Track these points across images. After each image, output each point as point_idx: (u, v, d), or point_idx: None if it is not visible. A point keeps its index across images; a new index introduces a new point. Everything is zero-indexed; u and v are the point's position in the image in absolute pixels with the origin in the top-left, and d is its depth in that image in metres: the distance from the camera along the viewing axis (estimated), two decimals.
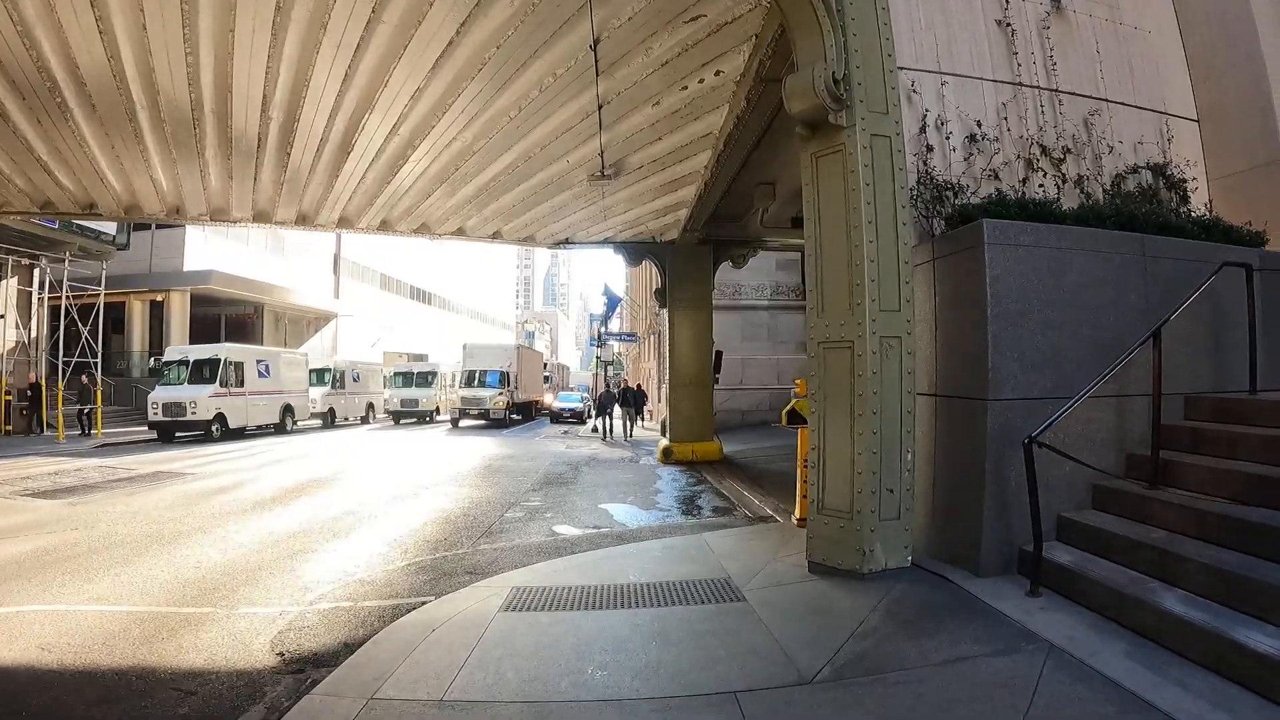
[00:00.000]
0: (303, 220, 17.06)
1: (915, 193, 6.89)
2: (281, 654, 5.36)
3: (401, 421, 38.50)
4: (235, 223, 17.26)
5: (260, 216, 16.76)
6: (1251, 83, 9.26)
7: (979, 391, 5.96)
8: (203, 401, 24.44)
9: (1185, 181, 8.41)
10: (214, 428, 24.70)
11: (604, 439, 25.89)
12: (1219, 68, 9.57)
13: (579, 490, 13.65)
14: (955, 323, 6.39)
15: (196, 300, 35.80)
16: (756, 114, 10.16)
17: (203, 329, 36.23)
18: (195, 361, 25.72)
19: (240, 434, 26.78)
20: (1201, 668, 4.16)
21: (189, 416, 24.22)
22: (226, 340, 33.79)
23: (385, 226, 17.62)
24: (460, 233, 18.15)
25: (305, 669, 5.05)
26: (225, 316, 39.84)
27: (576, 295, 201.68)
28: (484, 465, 17.85)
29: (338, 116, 11.26)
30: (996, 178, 7.55)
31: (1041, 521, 5.38)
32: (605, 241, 18.98)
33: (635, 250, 19.00)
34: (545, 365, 55.11)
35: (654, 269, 19.89)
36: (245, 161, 13.21)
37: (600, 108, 10.54)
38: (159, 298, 34.80)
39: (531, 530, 9.86)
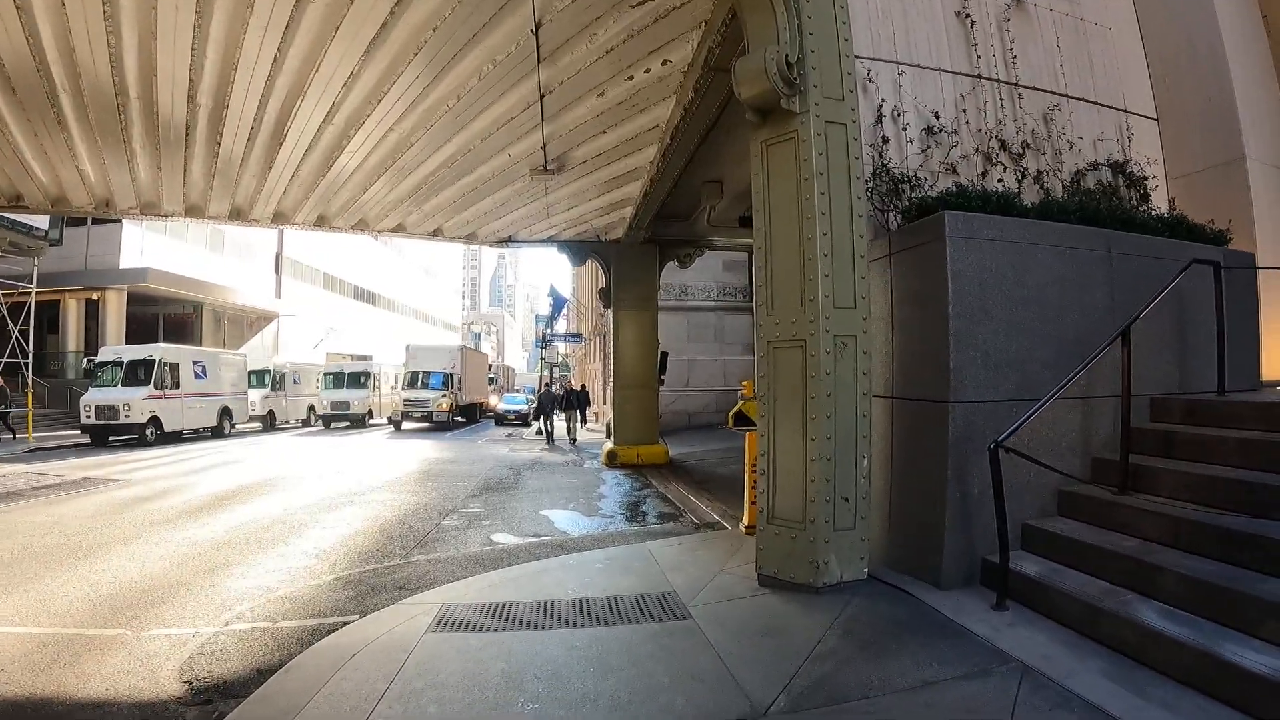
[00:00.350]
0: (237, 215, 16.25)
1: (871, 185, 6.56)
2: (190, 682, 4.90)
3: (332, 426, 35.83)
4: (166, 217, 16.39)
5: (193, 211, 15.93)
6: (1212, 81, 9.10)
7: (939, 393, 5.63)
8: (136, 404, 23.56)
9: (1146, 179, 8.27)
10: (148, 431, 23.84)
11: (546, 442, 24.97)
12: (1179, 65, 9.43)
13: (520, 496, 13.16)
14: (914, 321, 6.05)
15: (134, 299, 34.60)
16: (704, 106, 9.77)
17: (140, 329, 35.02)
18: (129, 362, 24.76)
19: (177, 438, 25.87)
20: (1187, 687, 3.85)
21: (122, 420, 23.35)
22: (165, 341, 32.74)
23: (322, 222, 16.91)
24: (400, 229, 17.50)
25: (213, 700, 4.61)
26: (164, 316, 38.42)
27: (523, 297, 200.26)
28: (424, 470, 17.22)
29: (269, 103, 10.61)
30: (955, 172, 7.27)
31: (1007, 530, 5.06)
32: (549, 240, 18.48)
33: (580, 249, 18.54)
34: (490, 367, 54.30)
35: (600, 269, 19.43)
36: (174, 151, 12.45)
37: (542, 98, 10.06)
38: (94, 296, 33.52)
39: (469, 539, 9.38)
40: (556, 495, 13.10)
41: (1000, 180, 7.38)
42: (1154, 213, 7.62)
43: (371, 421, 37.79)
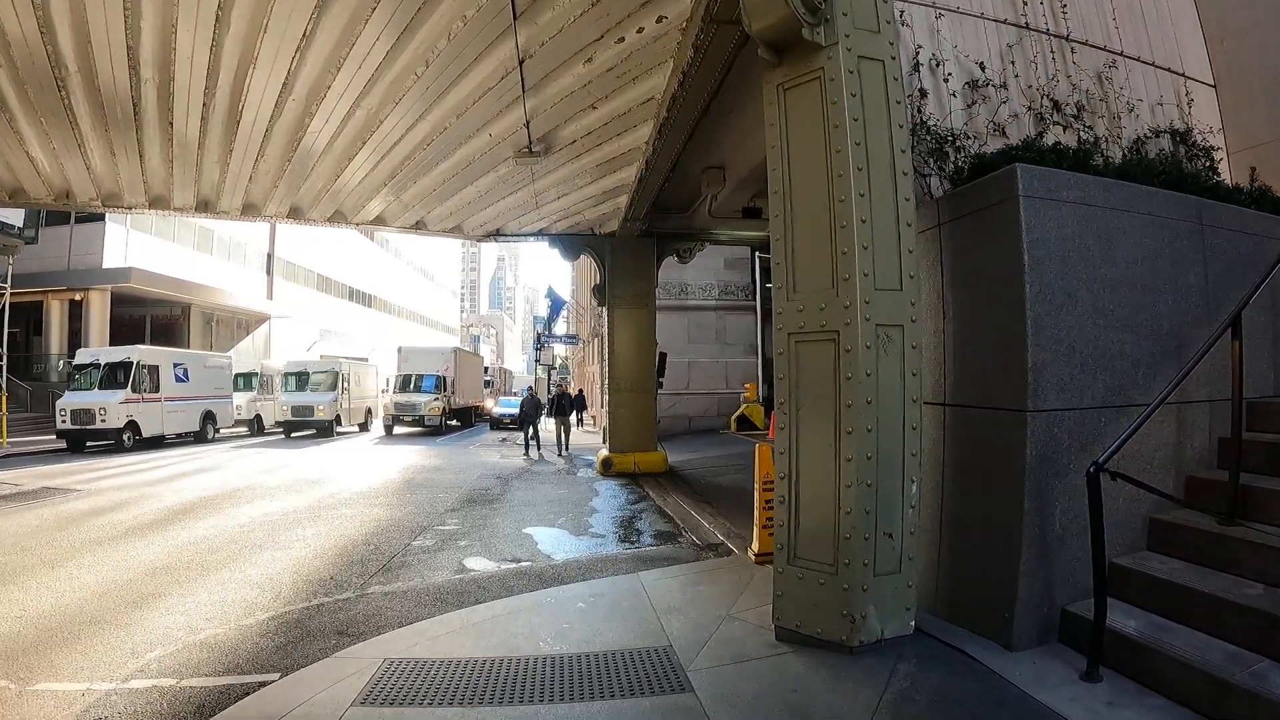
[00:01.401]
0: (205, 206, 15.07)
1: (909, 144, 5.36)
2: None
3: (293, 435, 31.06)
4: (129, 209, 15.16)
5: (157, 202, 14.72)
6: (1276, 44, 7.97)
7: (1013, 400, 4.42)
8: (113, 408, 22.61)
9: (1212, 150, 7.07)
10: (126, 436, 22.94)
11: (531, 453, 21.41)
12: (1239, 28, 8.28)
13: (505, 510, 11.98)
14: (974, 307, 4.86)
15: (120, 300, 33.66)
16: (705, 70, 8.55)
17: (126, 331, 34.09)
18: (107, 365, 23.76)
19: (160, 442, 24.95)
20: None
21: (98, 424, 22.40)
22: (153, 343, 31.91)
23: (296, 214, 15.69)
24: (379, 221, 16.30)
25: None
26: (151, 318, 37.53)
27: (523, 299, 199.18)
28: (406, 479, 16.05)
29: (218, 75, 9.42)
30: (1003, 133, 6.09)
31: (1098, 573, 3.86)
32: (540, 233, 17.29)
33: (572, 243, 17.32)
34: (486, 369, 53.16)
35: (595, 266, 18.19)
36: (125, 133, 11.26)
37: (521, 63, 8.88)
38: (78, 297, 32.44)
39: (438, 564, 8.26)
40: (544, 510, 11.92)
41: (1057, 143, 6.18)
42: (1231, 185, 6.43)
43: (340, 429, 32.60)
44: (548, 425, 24.86)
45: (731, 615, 5.46)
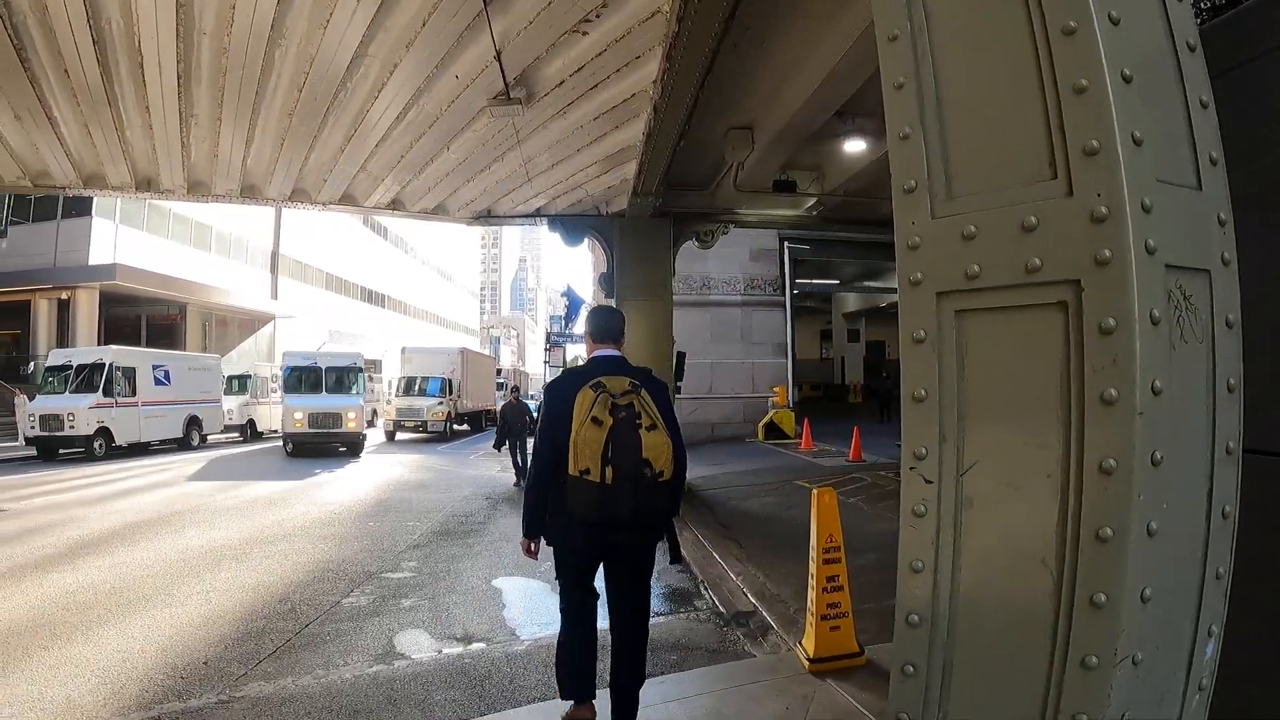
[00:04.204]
0: (148, 185, 12.92)
1: None
2: None
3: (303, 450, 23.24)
4: (63, 190, 13.13)
5: (92, 181, 12.61)
6: None
7: None
8: (81, 413, 20.94)
9: None
10: (97, 444, 21.27)
11: (518, 481, 16.08)
12: None
13: (479, 547, 9.69)
14: None
15: (113, 300, 32.30)
16: None
17: (120, 331, 32.64)
18: (79, 367, 22.14)
19: (143, 450, 23.47)
20: None
21: (67, 431, 20.83)
22: (149, 345, 30.41)
23: (252, 193, 13.48)
24: (349, 201, 14.01)
25: None
26: (147, 317, 36.11)
27: (545, 301, 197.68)
28: (379, 500, 13.81)
29: None
30: None
31: None
32: (537, 214, 14.87)
33: (575, 225, 14.85)
34: (499, 371, 51.13)
35: (602, 252, 15.71)
36: (16, 83, 9.10)
37: None
38: (65, 296, 30.92)
39: (358, 643, 6.01)
40: None
41: None
42: None
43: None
44: None
45: None
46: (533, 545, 3.96)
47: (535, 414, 11.78)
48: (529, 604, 7.14)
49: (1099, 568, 1.65)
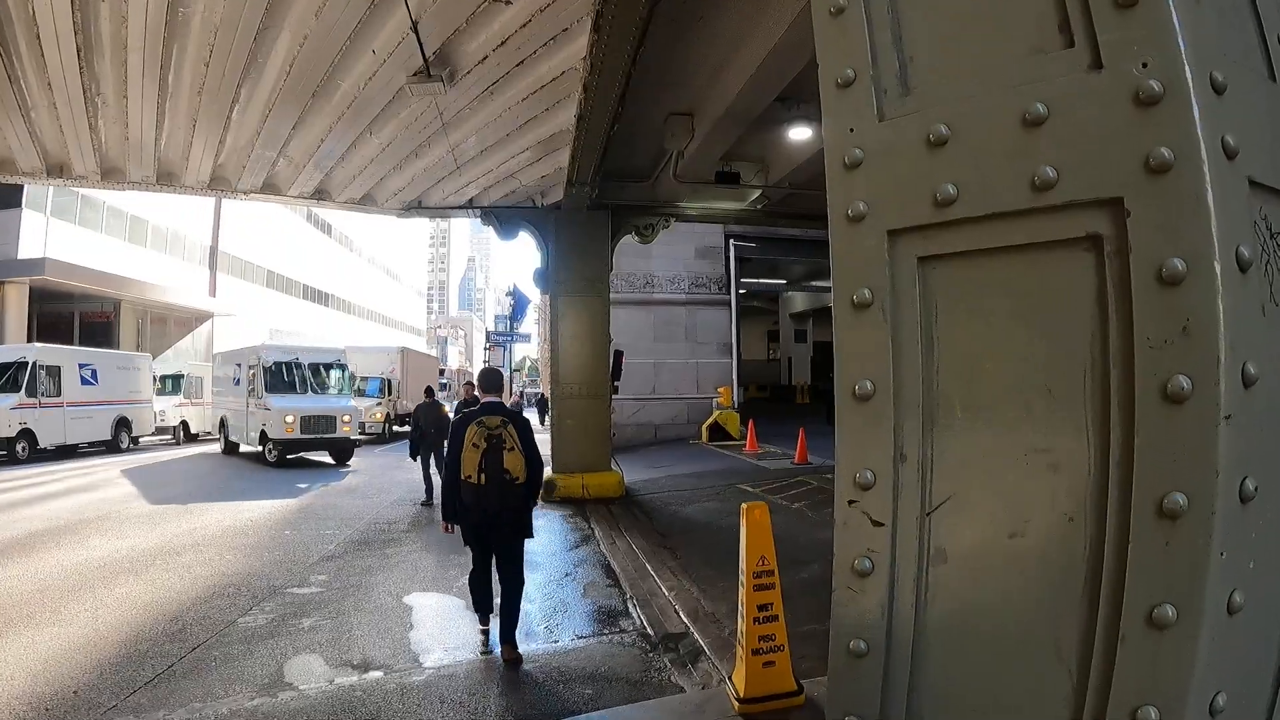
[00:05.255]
0: (60, 171, 12.23)
1: None
2: None
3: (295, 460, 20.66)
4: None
5: (3, 166, 11.87)
6: None
7: None
8: (2, 415, 20.05)
9: None
10: (19, 447, 20.32)
11: (428, 499, 12.80)
12: None
13: (397, 559, 9.00)
14: None
15: (44, 296, 30.86)
16: None
17: (53, 328, 31.13)
18: (1, 365, 21.12)
19: (71, 453, 22.60)
20: None
21: None
22: (82, 343, 29.46)
23: (169, 180, 12.64)
24: (271, 189, 13.24)
25: None
26: (79, 314, 34.50)
27: (493, 301, 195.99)
28: (302, 505, 13.02)
29: None
30: None
31: None
32: (469, 205, 14.13)
33: (509, 217, 14.12)
34: (442, 371, 50.22)
35: (538, 248, 14.97)
36: None
37: None
38: None
39: (244, 671, 5.39)
40: (448, 559, 8.84)
41: None
42: None
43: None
44: None
45: None
46: (447, 526, 5.78)
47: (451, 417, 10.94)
48: (439, 625, 6.45)
49: (1150, 669, 1.01)
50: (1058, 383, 1.11)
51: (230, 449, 22.98)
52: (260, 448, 20.37)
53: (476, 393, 6.34)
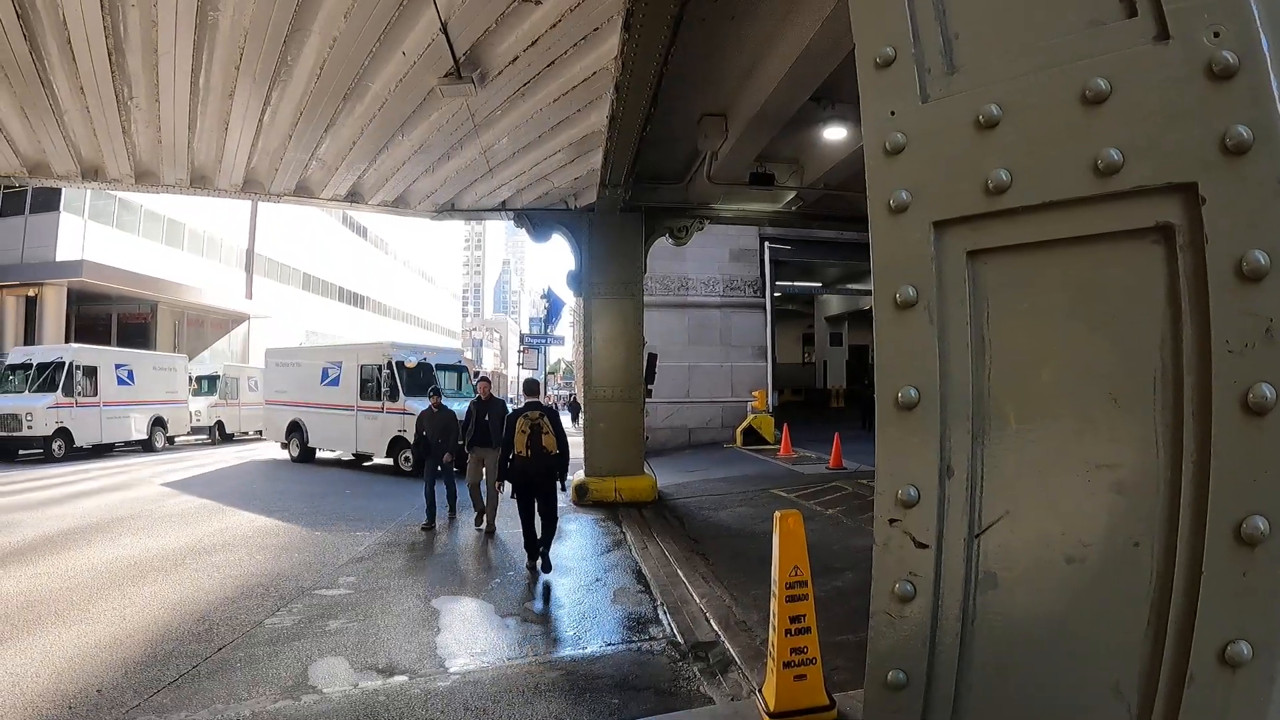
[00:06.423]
0: (95, 174, 12.33)
1: None
2: None
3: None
4: (7, 178, 12.53)
5: (38, 170, 11.97)
6: None
7: None
8: (39, 414, 20.35)
9: None
10: (56, 445, 20.71)
11: (429, 523, 10.92)
12: None
13: (428, 561, 9.02)
14: None
15: (83, 297, 31.59)
16: None
17: (91, 329, 32.09)
18: (40, 365, 21.53)
19: (108, 451, 23.04)
20: None
21: (25, 431, 20.23)
22: (120, 344, 30.26)
23: (203, 183, 12.76)
24: (304, 192, 13.30)
25: None
26: (118, 315, 35.38)
27: (529, 304, 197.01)
28: (335, 505, 12.98)
29: None
30: None
31: None
32: (502, 208, 14.13)
33: (542, 220, 14.10)
34: (476, 374, 50.29)
35: (571, 251, 14.92)
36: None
37: None
38: (32, 293, 30.09)
39: (268, 673, 5.35)
40: (481, 562, 8.82)
41: None
42: None
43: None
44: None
45: None
46: (499, 485, 8.86)
47: (465, 423, 10.77)
48: (464, 631, 6.37)
49: (1220, 712, 0.90)
50: (1123, 391, 0.98)
51: (306, 456, 20.63)
52: (388, 458, 18.35)
53: (521, 394, 9.20)
